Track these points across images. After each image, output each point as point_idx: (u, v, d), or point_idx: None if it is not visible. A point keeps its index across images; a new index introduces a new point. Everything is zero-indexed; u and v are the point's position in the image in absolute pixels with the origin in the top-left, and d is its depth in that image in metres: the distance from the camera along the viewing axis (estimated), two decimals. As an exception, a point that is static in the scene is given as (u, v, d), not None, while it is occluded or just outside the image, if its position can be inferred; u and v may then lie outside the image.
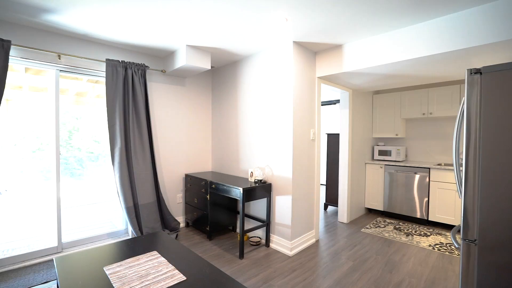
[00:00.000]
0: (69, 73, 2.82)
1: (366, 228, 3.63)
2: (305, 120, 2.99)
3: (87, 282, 1.46)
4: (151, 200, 3.09)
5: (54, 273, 2.40)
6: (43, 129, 2.71)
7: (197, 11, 2.16)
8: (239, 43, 2.85)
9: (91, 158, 3.05)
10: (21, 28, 2.46)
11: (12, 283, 2.25)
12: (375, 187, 4.22)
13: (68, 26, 2.47)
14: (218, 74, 3.86)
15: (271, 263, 2.62)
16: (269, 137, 3.04)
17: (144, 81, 3.10)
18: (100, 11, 2.18)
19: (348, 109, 3.82)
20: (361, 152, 4.22)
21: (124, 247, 1.94)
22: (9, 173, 2.56)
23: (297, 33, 2.57)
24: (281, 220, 2.91)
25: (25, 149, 2.62)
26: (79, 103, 2.95)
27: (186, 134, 3.70)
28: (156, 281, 1.45)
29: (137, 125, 3.05)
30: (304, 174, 3.00)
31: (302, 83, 2.93)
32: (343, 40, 2.73)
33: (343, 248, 2.98)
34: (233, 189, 2.77)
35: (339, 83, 3.47)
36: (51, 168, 2.74)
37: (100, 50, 2.92)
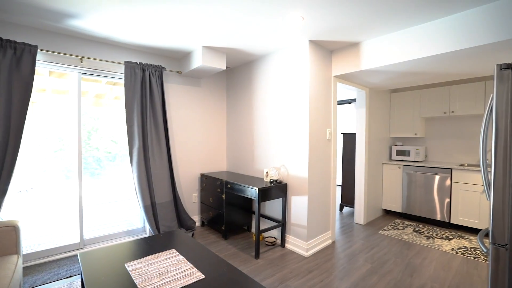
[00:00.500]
0: (90, 75, 2.92)
1: (384, 230, 3.53)
2: (321, 120, 2.95)
3: (109, 277, 1.50)
4: (168, 199, 3.15)
5: (77, 268, 2.49)
6: (65, 130, 2.82)
7: (213, 12, 2.18)
8: (255, 43, 2.86)
9: (108, 158, 3.13)
10: (46, 33, 2.57)
11: (39, 276, 2.35)
12: (393, 188, 4.11)
13: (90, 30, 2.56)
14: (233, 75, 3.88)
15: (287, 263, 2.61)
16: (285, 137, 3.03)
17: (161, 82, 3.16)
18: (119, 15, 2.24)
19: (364, 108, 3.74)
20: (378, 152, 4.12)
21: (144, 244, 1.98)
22: (33, 172, 2.68)
23: (313, 31, 2.54)
24: (297, 220, 2.89)
25: (47, 149, 2.73)
26: (97, 104, 3.04)
27: (201, 134, 3.75)
28: (175, 278, 1.48)
29: (154, 126, 3.11)
30: (320, 174, 2.96)
31: (318, 82, 2.89)
32: (361, 37, 2.67)
33: (360, 250, 2.92)
34: (248, 189, 2.78)
35: (356, 81, 3.40)
36: (72, 168, 2.85)
37: (119, 53, 3.01)
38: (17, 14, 2.24)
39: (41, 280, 2.30)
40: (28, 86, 2.39)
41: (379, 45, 2.64)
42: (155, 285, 1.41)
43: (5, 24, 2.37)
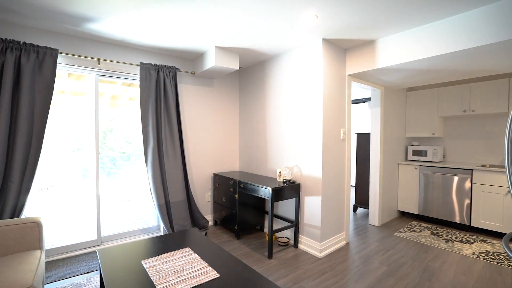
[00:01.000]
0: (107, 77, 3.00)
1: (400, 232, 3.44)
2: (335, 119, 2.91)
3: (127, 274, 1.54)
4: (182, 198, 3.19)
5: (95, 264, 2.56)
6: (82, 131, 2.91)
7: (227, 12, 2.19)
8: (268, 43, 2.85)
9: (123, 157, 3.21)
10: (66, 37, 2.66)
11: (59, 271, 2.44)
12: (409, 189, 4.00)
13: (107, 33, 2.63)
14: (246, 75, 3.88)
15: (300, 264, 2.59)
16: (298, 136, 3.00)
17: (175, 83, 3.21)
18: (135, 17, 2.29)
19: (379, 107, 3.66)
20: (394, 152, 4.02)
21: (159, 242, 2.02)
22: (53, 171, 2.78)
23: (327, 30, 2.50)
24: (310, 221, 2.86)
25: (66, 149, 2.83)
26: (113, 105, 3.12)
27: (214, 134, 3.78)
28: (191, 276, 1.49)
29: (168, 126, 3.16)
30: (334, 175, 2.91)
31: (332, 81, 2.85)
32: (376, 35, 2.62)
33: (375, 252, 2.86)
34: (262, 189, 2.77)
35: (371, 80, 3.33)
36: (88, 167, 2.93)
37: (135, 55, 3.08)
38: (39, 19, 2.33)
39: (62, 274, 2.38)
40: (49, 88, 2.48)
41: (396, 43, 2.58)
42: (171, 282, 1.43)
43: (28, 29, 2.47)
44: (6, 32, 2.38)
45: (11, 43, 2.29)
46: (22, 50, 2.34)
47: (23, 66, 2.34)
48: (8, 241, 1.83)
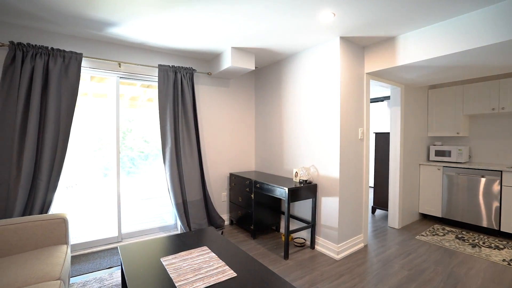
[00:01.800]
0: (127, 79, 3.10)
1: (422, 235, 3.31)
2: (353, 119, 2.84)
3: (147, 270, 1.58)
4: (198, 197, 3.24)
5: (116, 260, 2.65)
6: (102, 131, 3.01)
7: (244, 13, 2.19)
8: (284, 42, 2.83)
9: (141, 157, 3.29)
10: (89, 41, 2.78)
11: (83, 265, 2.55)
12: (431, 191, 3.84)
13: (127, 36, 2.72)
14: (261, 74, 3.88)
15: (317, 265, 2.55)
16: (315, 136, 2.96)
17: (192, 84, 3.26)
18: (154, 21, 2.35)
19: (399, 106, 3.54)
20: (415, 152, 3.87)
21: (177, 240, 2.06)
22: (77, 170, 2.90)
23: (344, 28, 2.45)
24: (327, 222, 2.81)
25: (87, 149, 2.94)
26: (132, 106, 3.21)
27: (230, 134, 3.81)
28: (208, 275, 1.51)
29: (186, 126, 3.22)
30: (352, 175, 2.85)
31: (350, 80, 2.79)
32: (397, 31, 2.53)
33: (395, 256, 2.76)
34: (278, 189, 2.76)
35: (390, 78, 3.23)
36: (109, 166, 3.04)
37: (153, 57, 3.16)
38: (65, 25, 2.45)
39: (85, 269, 2.49)
40: (74, 91, 2.59)
41: (418, 39, 2.48)
42: (189, 280, 1.46)
43: (55, 34, 2.60)
44: (36, 39, 2.52)
45: (40, 48, 2.42)
46: (50, 55, 2.46)
47: (50, 70, 2.47)
48: (38, 235, 1.94)
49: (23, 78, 2.35)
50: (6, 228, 1.86)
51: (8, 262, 1.68)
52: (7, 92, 2.33)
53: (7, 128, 2.34)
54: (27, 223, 1.93)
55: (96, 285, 2.23)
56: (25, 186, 2.35)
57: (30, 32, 2.49)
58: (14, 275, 1.52)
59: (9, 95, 2.34)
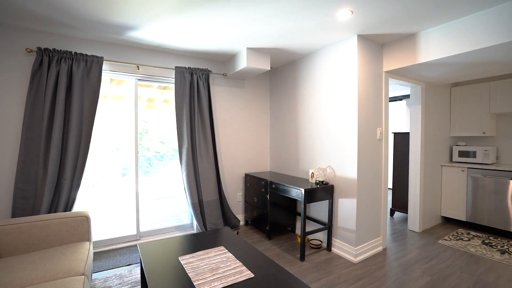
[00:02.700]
0: (145, 81, 3.18)
1: (444, 239, 3.17)
2: (371, 119, 2.77)
3: (166, 269, 1.61)
4: (214, 197, 3.27)
5: (135, 257, 2.72)
6: (120, 132, 3.09)
7: (259, 13, 2.19)
8: (300, 42, 2.80)
9: (157, 157, 3.35)
10: (109, 45, 2.87)
11: (104, 262, 2.63)
12: (455, 193, 3.67)
13: (146, 39, 2.79)
14: (276, 75, 3.87)
15: (334, 268, 2.50)
16: (332, 137, 2.91)
17: (207, 85, 3.30)
18: (171, 24, 2.39)
19: (420, 105, 3.41)
20: (436, 153, 3.72)
21: (194, 240, 2.08)
22: (96, 169, 3.00)
23: (362, 25, 2.39)
24: (345, 224, 2.76)
25: (106, 149, 3.03)
26: (149, 107, 3.28)
27: (245, 135, 3.82)
28: (226, 275, 1.51)
29: (202, 127, 3.26)
30: (370, 176, 2.78)
31: (368, 79, 2.72)
32: (417, 28, 2.44)
33: (416, 260, 2.66)
34: (294, 190, 2.74)
35: (410, 76, 3.12)
36: (127, 166, 3.12)
37: (170, 59, 3.22)
38: (87, 31, 2.54)
39: (106, 265, 2.57)
40: (95, 93, 2.69)
41: (441, 35, 2.38)
42: (207, 279, 1.47)
43: (78, 39, 2.71)
44: (61, 44, 2.63)
45: (65, 53, 2.53)
46: (74, 59, 2.57)
47: (74, 73, 2.57)
48: (63, 232, 2.02)
49: (49, 81, 2.46)
50: (35, 224, 1.95)
51: (37, 256, 1.76)
52: (35, 96, 2.45)
53: (35, 129, 2.46)
54: (53, 220, 2.02)
55: (117, 281, 2.29)
56: (51, 184, 2.46)
57: (55, 38, 2.61)
58: (43, 269, 1.59)
59: (36, 98, 2.46)
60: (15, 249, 1.87)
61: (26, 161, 2.43)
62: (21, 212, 2.41)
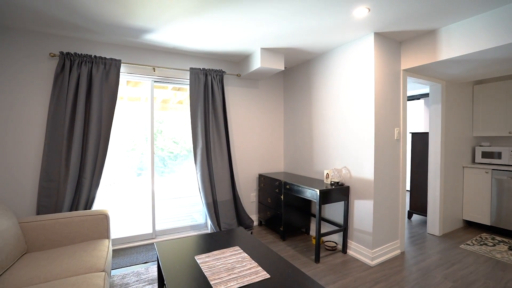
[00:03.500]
0: (160, 83, 3.24)
1: (467, 244, 3.04)
2: (389, 118, 2.70)
3: (182, 267, 1.63)
4: (228, 197, 3.28)
5: (151, 256, 2.78)
6: (136, 133, 3.16)
7: (274, 13, 2.18)
8: (315, 41, 2.77)
9: (170, 157, 3.40)
10: (126, 48, 2.95)
11: (122, 259, 2.70)
12: (478, 196, 3.51)
13: (162, 42, 2.84)
14: (290, 75, 3.85)
15: (350, 271, 2.45)
16: (347, 137, 2.86)
17: (221, 86, 3.32)
18: (187, 26, 2.42)
19: (440, 104, 3.29)
20: (457, 153, 3.57)
21: (209, 239, 2.10)
22: (113, 169, 3.07)
23: (379, 23, 2.34)
24: (361, 226, 2.70)
25: (122, 150, 3.10)
26: (163, 108, 3.34)
27: (259, 135, 3.82)
28: (242, 275, 1.51)
29: (216, 127, 3.28)
30: (388, 178, 2.70)
31: (385, 77, 2.66)
32: (437, 24, 2.35)
33: (437, 265, 2.57)
34: (308, 191, 2.71)
35: (430, 74, 3.02)
36: (142, 166, 3.18)
37: (185, 60, 3.27)
38: (106, 34, 2.62)
39: (123, 262, 2.64)
40: (114, 95, 2.77)
41: (463, 30, 2.28)
42: (223, 279, 1.47)
43: (97, 43, 2.80)
44: (81, 48, 2.73)
45: (85, 57, 2.62)
46: (93, 62, 2.66)
47: (93, 76, 2.66)
48: (84, 229, 2.09)
49: (71, 84, 2.56)
50: (58, 221, 2.03)
51: (61, 252, 1.83)
52: (57, 98, 2.56)
53: (58, 130, 2.57)
54: (75, 217, 2.09)
55: (134, 278, 2.35)
56: (72, 183, 2.56)
57: (76, 42, 2.71)
58: (67, 264, 1.65)
59: (59, 101, 2.56)
60: (40, 244, 1.95)
61: (49, 160, 2.53)
62: (45, 209, 2.51)
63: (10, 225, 1.75)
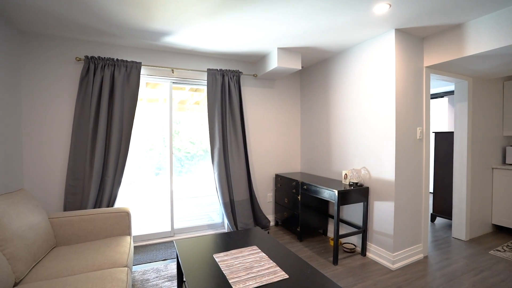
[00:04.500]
0: (178, 84, 3.31)
1: (497, 250, 2.87)
2: (411, 117, 2.60)
3: (202, 265, 1.65)
4: (245, 197, 3.29)
5: (170, 253, 2.84)
6: (154, 133, 3.23)
7: (293, 12, 2.16)
8: (333, 39, 2.73)
9: (187, 157, 3.45)
10: (146, 51, 3.04)
11: (142, 256, 2.78)
12: (509, 199, 3.30)
13: (180, 44, 2.90)
14: (307, 74, 3.81)
15: (370, 274, 2.38)
16: (367, 137, 2.79)
17: (238, 86, 3.34)
18: (204, 27, 2.46)
19: (466, 101, 3.13)
20: (486, 154, 3.38)
21: (227, 238, 2.11)
22: (133, 168, 3.16)
23: (400, 19, 2.26)
24: (381, 228, 2.62)
25: (141, 149, 3.18)
26: (180, 109, 3.39)
27: (275, 135, 3.81)
28: (260, 275, 1.51)
29: (233, 127, 3.31)
30: (410, 179, 2.61)
31: (406, 75, 2.56)
32: (464, 18, 2.24)
33: (463, 271, 2.44)
34: (326, 191, 2.66)
35: (455, 71, 2.88)
36: (159, 165, 3.25)
37: (202, 61, 3.32)
38: (127, 38, 2.71)
39: (143, 259, 2.71)
40: (134, 97, 2.86)
41: (493, 23, 2.16)
42: (242, 278, 1.48)
43: (119, 47, 2.91)
44: (104, 51, 2.84)
45: (108, 60, 2.72)
46: (115, 65, 2.76)
47: (115, 79, 2.76)
48: (107, 226, 2.18)
49: (95, 87, 2.67)
50: (84, 218, 2.12)
51: (86, 247, 1.91)
52: (82, 100, 2.68)
53: (83, 131, 2.69)
54: (99, 214, 2.18)
55: (154, 274, 2.41)
56: (96, 181, 2.66)
57: (99, 46, 2.82)
58: (92, 259, 1.72)
59: (84, 103, 2.68)
60: (67, 239, 2.05)
61: (75, 159, 2.66)
62: (71, 206, 2.64)
63: (41, 220, 1.85)
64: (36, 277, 1.54)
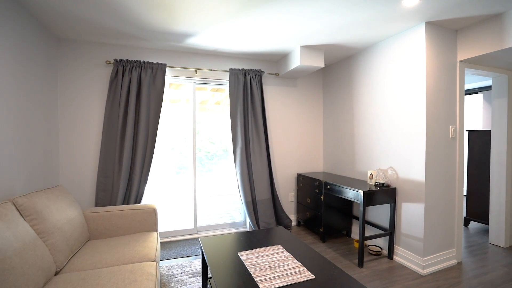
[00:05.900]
0: (201, 84, 3.37)
1: (541, 258, 2.64)
2: (442, 115, 2.47)
3: (227, 262, 1.67)
4: (267, 196, 3.29)
5: (194, 250, 2.90)
6: (176, 133, 3.30)
7: (316, 10, 2.12)
8: (358, 35, 2.65)
9: (207, 157, 3.50)
10: (170, 52, 3.12)
11: (167, 252, 2.86)
12: (554, 204, 3.02)
13: (203, 45, 2.96)
14: (330, 72, 3.73)
15: (398, 278, 2.29)
16: (394, 135, 2.68)
17: (260, 85, 3.35)
18: (227, 27, 2.48)
19: (506, 97, 2.91)
20: (527, 154, 3.12)
21: (250, 237, 2.12)
22: (156, 167, 3.25)
23: (431, 11, 2.14)
24: (409, 231, 2.50)
25: (164, 149, 3.26)
26: (202, 109, 3.44)
27: (297, 134, 3.77)
28: (285, 274, 1.50)
29: (255, 126, 3.31)
30: (441, 180, 2.47)
31: (438, 70, 2.43)
32: (504, 6, 2.08)
33: (504, 281, 2.27)
34: (351, 192, 2.59)
35: (493, 64, 2.69)
36: (181, 164, 3.31)
37: (224, 62, 3.36)
38: (153, 40, 2.81)
39: (169, 255, 2.79)
40: (160, 97, 2.95)
41: (537, 12, 1.99)
42: (268, 276, 1.47)
43: (145, 49, 3.01)
44: (131, 54, 2.96)
45: (135, 62, 2.83)
46: (142, 67, 2.86)
47: (142, 80, 2.86)
48: (135, 222, 2.26)
49: (123, 88, 2.79)
50: (114, 213, 2.23)
51: (117, 241, 2.00)
52: (112, 101, 2.81)
53: (112, 130, 2.82)
54: (128, 210, 2.28)
55: (179, 270, 2.47)
56: (124, 179, 2.78)
57: (127, 50, 2.94)
58: (123, 252, 1.80)
59: (113, 104, 2.81)
60: (99, 233, 2.16)
61: (105, 158, 2.79)
62: (102, 202, 2.78)
63: (77, 215, 1.97)
64: (73, 267, 1.64)
